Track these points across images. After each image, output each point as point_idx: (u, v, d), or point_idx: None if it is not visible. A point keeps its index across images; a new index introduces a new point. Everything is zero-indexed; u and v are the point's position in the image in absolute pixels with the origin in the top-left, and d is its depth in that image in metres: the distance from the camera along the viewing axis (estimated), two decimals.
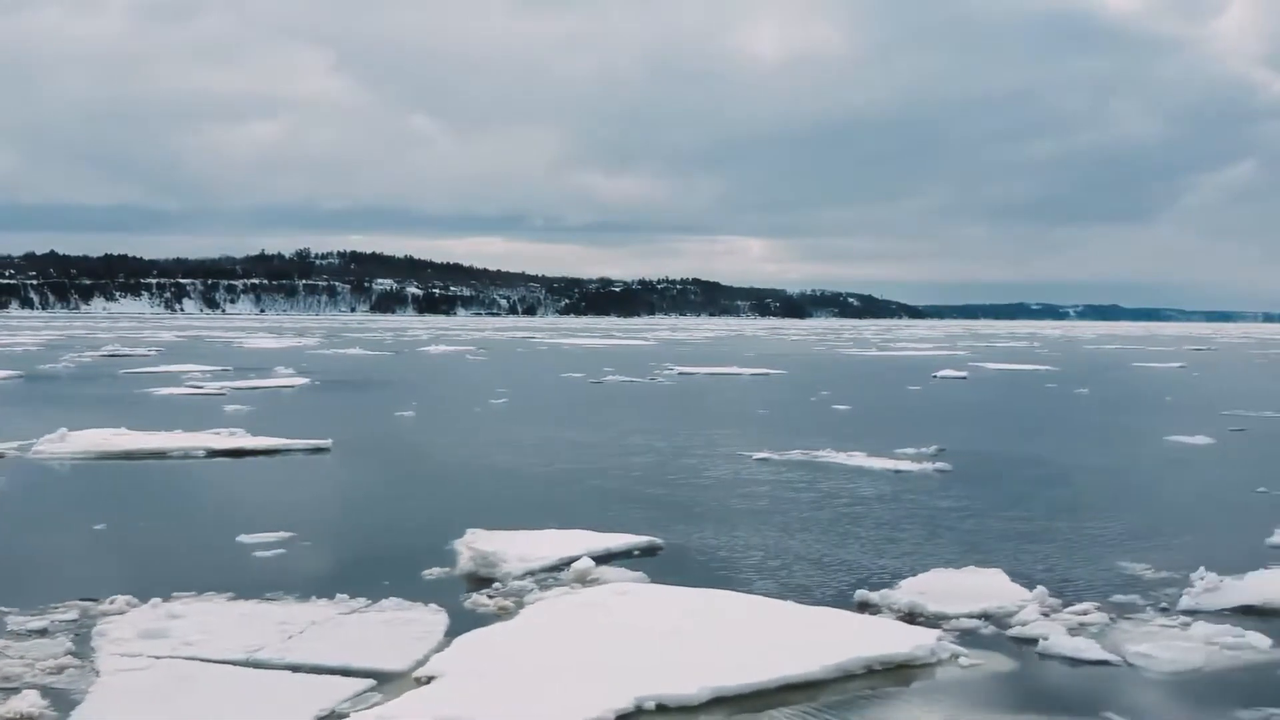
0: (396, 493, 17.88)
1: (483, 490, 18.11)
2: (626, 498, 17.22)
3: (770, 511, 15.94)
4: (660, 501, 16.87)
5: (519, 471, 20.16)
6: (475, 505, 16.21)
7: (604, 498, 17.26)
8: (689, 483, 18.73)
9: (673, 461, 21.33)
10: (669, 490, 17.94)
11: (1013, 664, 9.13)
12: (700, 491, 17.85)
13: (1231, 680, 8.78)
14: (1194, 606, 10.83)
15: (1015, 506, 16.65)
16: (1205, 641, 9.58)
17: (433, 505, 16.29)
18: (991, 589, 11.08)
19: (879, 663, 8.78)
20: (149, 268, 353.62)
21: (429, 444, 23.80)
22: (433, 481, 19.20)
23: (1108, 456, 22.95)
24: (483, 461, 21.41)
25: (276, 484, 18.90)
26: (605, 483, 18.70)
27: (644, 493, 17.73)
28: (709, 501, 16.83)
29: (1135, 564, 12.70)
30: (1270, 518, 15.38)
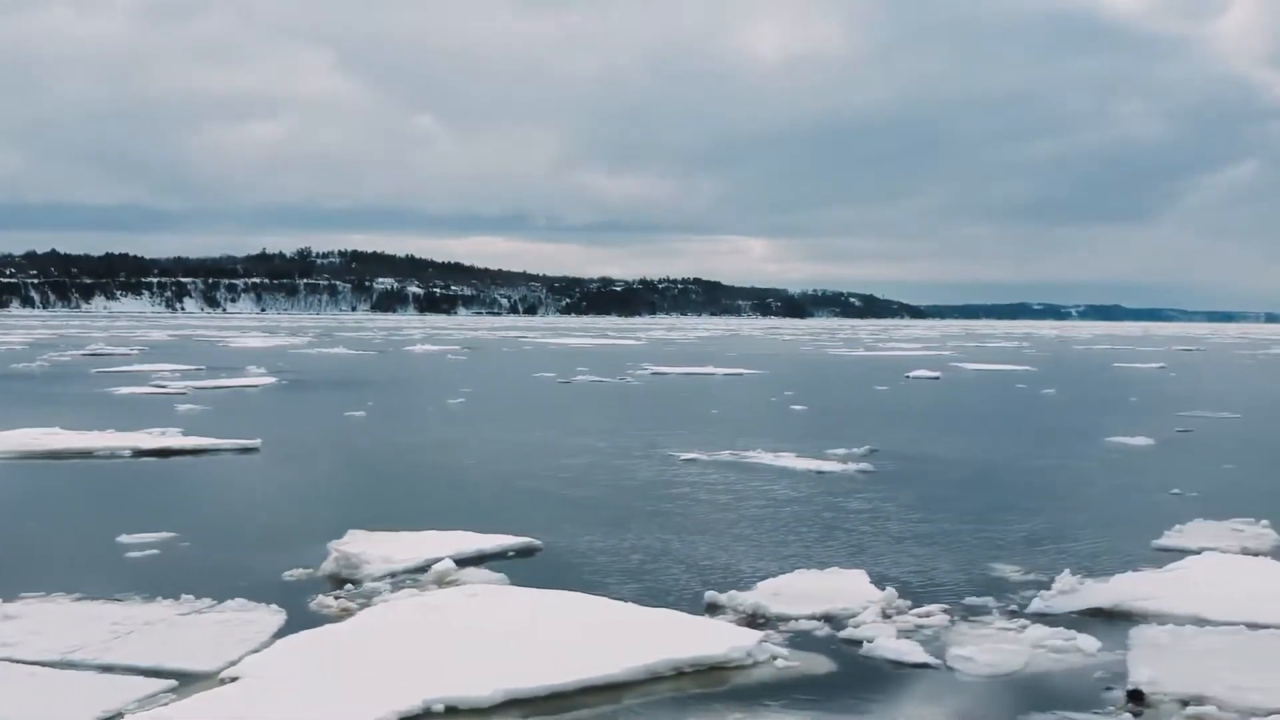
0: (300, 493, 17.96)
1: (388, 491, 18.17)
2: (531, 498, 17.26)
3: (670, 513, 15.95)
4: (564, 502, 16.90)
5: (436, 472, 20.22)
6: (374, 506, 16.27)
7: (507, 499, 17.31)
8: (605, 483, 18.75)
9: (601, 462, 21.34)
10: (580, 491, 17.96)
11: (830, 666, 9.16)
12: (611, 492, 17.87)
13: (1040, 683, 8.80)
14: (1043, 609, 10.84)
15: (922, 508, 16.64)
16: (1033, 644, 9.59)
17: (331, 506, 16.31)
18: (844, 591, 11.09)
19: (690, 664, 8.80)
20: (150, 267, 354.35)
21: (361, 444, 23.83)
22: (342, 482, 19.26)
23: (1039, 458, 22.94)
24: (405, 461, 21.48)
25: (185, 484, 18.97)
26: (517, 483, 18.74)
27: (552, 493, 17.76)
28: (615, 503, 16.85)
29: (1009, 566, 12.72)
30: (1169, 520, 15.41)
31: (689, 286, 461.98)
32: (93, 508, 16.48)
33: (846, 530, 14.95)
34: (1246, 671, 8.87)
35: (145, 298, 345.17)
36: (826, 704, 8.27)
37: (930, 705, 8.26)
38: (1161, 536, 14.41)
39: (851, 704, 8.27)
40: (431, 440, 24.76)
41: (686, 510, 16.23)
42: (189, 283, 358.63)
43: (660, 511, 16.13)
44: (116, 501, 17.06)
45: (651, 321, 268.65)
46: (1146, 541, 14.21)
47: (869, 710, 8.13)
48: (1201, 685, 8.55)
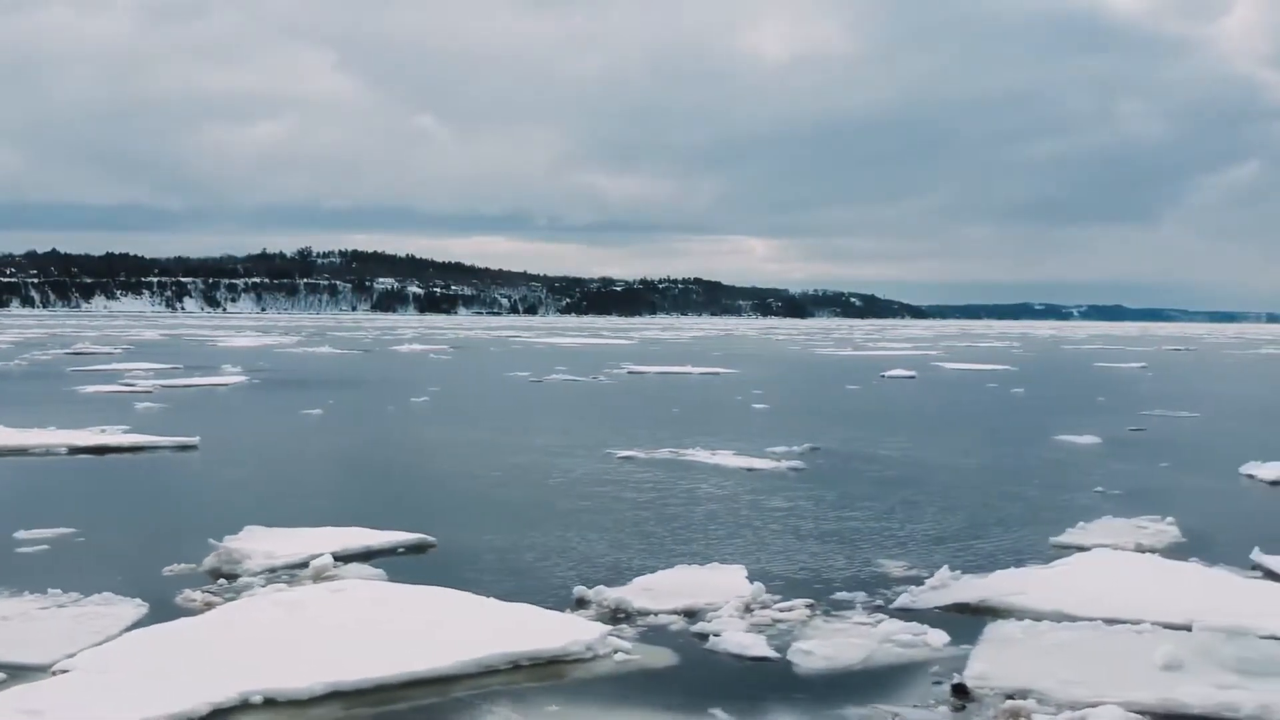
0: (216, 490, 18.08)
1: (305, 488, 18.25)
2: (446, 496, 17.37)
3: (580, 511, 16.00)
4: (478, 500, 16.98)
5: (360, 470, 20.33)
6: (285, 502, 16.33)
7: (421, 496, 17.40)
8: (528, 482, 18.82)
9: (535, 461, 21.41)
10: (499, 489, 18.03)
11: (671, 659, 9.21)
12: (530, 491, 17.93)
13: (872, 675, 8.86)
14: (908, 605, 10.89)
15: (838, 505, 16.68)
16: (882, 639, 9.64)
17: (241, 502, 16.33)
18: (717, 586, 11.15)
19: (526, 658, 8.86)
20: (150, 267, 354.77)
21: (301, 442, 23.90)
22: (263, 479, 19.33)
23: (976, 456, 22.97)
24: (334, 459, 21.57)
25: (105, 481, 19.02)
26: (438, 481, 18.87)
27: (469, 491, 17.86)
28: (529, 501, 16.90)
29: (897, 563, 12.76)
30: (1078, 517, 15.48)
31: (689, 287, 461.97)
32: (2, 503, 16.54)
33: (753, 527, 14.99)
34: (1082, 666, 8.93)
35: (145, 297, 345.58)
36: (652, 695, 8.32)
37: (753, 696, 8.30)
38: (1063, 534, 14.46)
39: (677, 695, 8.32)
40: (372, 438, 24.85)
41: (598, 508, 16.27)
42: (189, 282, 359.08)
43: (571, 509, 16.18)
44: (29, 498, 17.12)
45: (650, 321, 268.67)
46: (1046, 538, 14.25)
47: (691, 701, 8.18)
48: (1032, 679, 8.60)
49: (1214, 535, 14.59)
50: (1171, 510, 16.33)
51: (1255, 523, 15.59)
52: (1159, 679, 8.60)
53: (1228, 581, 11.78)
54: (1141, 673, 8.75)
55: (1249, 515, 16.32)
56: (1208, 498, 18.01)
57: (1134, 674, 8.71)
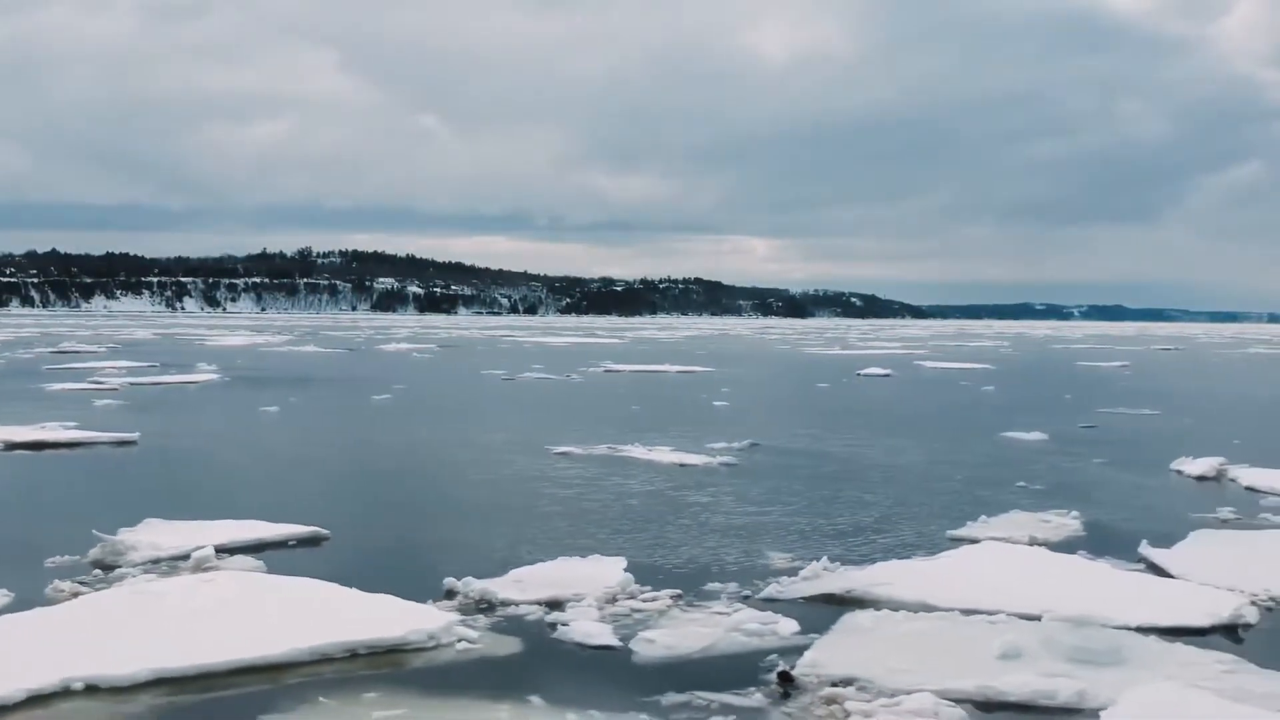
0: (133, 484, 18.24)
1: (222, 481, 18.39)
2: (359, 491, 17.56)
3: (489, 505, 16.12)
4: (390, 494, 17.15)
5: (284, 464, 20.41)
6: (197, 495, 16.42)
7: (334, 490, 17.60)
8: (449, 477, 18.98)
9: (469, 456, 21.52)
10: (416, 484, 18.22)
11: (514, 648, 9.29)
12: (448, 486, 18.11)
13: (705, 663, 8.95)
14: (774, 595, 10.97)
15: (756, 500, 16.73)
16: (731, 628, 9.72)
17: (153, 495, 16.35)
18: (587, 577, 11.22)
19: (365, 646, 8.94)
20: (150, 266, 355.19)
21: (241, 438, 23.96)
22: (184, 473, 19.45)
23: (917, 453, 22.96)
24: (265, 454, 21.64)
25: (26, 475, 19.07)
26: (357, 476, 19.08)
27: (385, 486, 18.01)
28: (442, 495, 17.06)
29: (784, 555, 12.80)
30: (986, 510, 15.54)
31: (690, 286, 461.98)
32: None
33: (659, 521, 15.06)
34: (919, 655, 9.00)
35: (145, 297, 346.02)
36: (478, 683, 8.40)
37: (578, 683, 8.38)
38: (963, 527, 14.53)
39: (503, 683, 8.39)
40: (311, 435, 24.97)
41: (508, 503, 16.36)
42: (189, 282, 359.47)
43: (480, 504, 16.29)
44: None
45: (648, 321, 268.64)
46: (945, 531, 14.31)
47: (513, 688, 8.23)
48: (863, 667, 8.67)
49: (1114, 529, 14.66)
50: (1084, 505, 16.45)
51: (1159, 516, 15.63)
52: (989, 667, 8.67)
53: (1100, 573, 11.85)
54: (975, 661, 8.82)
55: (1157, 509, 16.35)
56: (1126, 492, 18.06)
57: (966, 662, 8.78)
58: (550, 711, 7.76)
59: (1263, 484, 18.14)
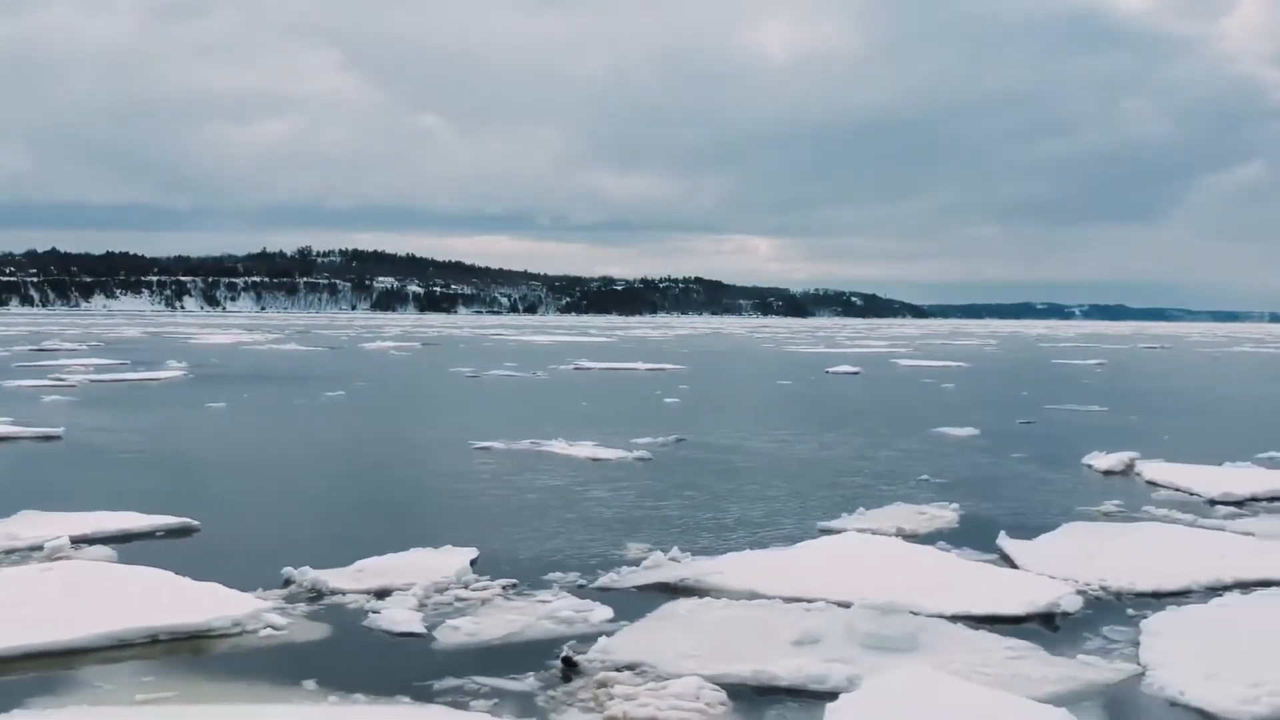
0: (34, 477, 18.47)
1: (121, 474, 18.43)
2: (248, 484, 17.73)
3: (373, 499, 16.35)
4: (282, 488, 17.35)
5: (189, 458, 20.43)
6: (88, 487, 16.58)
7: (222, 483, 17.72)
8: (352, 472, 19.19)
9: (386, 451, 21.70)
10: (314, 479, 18.37)
11: (319, 634, 9.43)
12: (345, 480, 18.34)
13: (499, 649, 9.09)
14: (608, 584, 11.12)
15: (653, 494, 16.82)
16: (541, 616, 9.85)
17: (44, 487, 16.54)
18: (428, 567, 11.37)
19: (166, 633, 9.07)
20: (150, 266, 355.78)
21: (166, 435, 24.05)
22: (90, 467, 19.47)
23: (840, 448, 23.07)
24: (178, 449, 21.61)
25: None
26: (257, 470, 19.15)
27: (280, 480, 18.21)
28: (334, 490, 17.29)
29: (641, 545, 12.85)
30: (876, 503, 15.68)
31: (690, 286, 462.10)
32: None
33: (539, 514, 15.18)
34: (713, 641, 9.13)
35: (145, 296, 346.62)
36: (267, 668, 8.53)
37: (364, 669, 8.51)
38: (838, 518, 14.64)
39: (291, 668, 8.49)
40: (240, 431, 25.14)
41: (394, 497, 16.59)
42: (189, 282, 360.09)
43: (368, 497, 16.52)
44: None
45: (645, 321, 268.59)
46: (818, 523, 14.42)
47: (297, 673, 8.34)
48: (652, 653, 8.79)
49: (991, 521, 14.67)
50: (975, 498, 16.62)
51: (1043, 509, 15.73)
52: (777, 652, 8.77)
53: (941, 564, 11.96)
54: (765, 646, 8.94)
55: (1046, 503, 16.43)
56: (1026, 486, 18.14)
57: (756, 648, 8.90)
58: (317, 694, 7.89)
59: (1163, 479, 18.22)
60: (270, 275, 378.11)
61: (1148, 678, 8.42)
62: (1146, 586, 11.12)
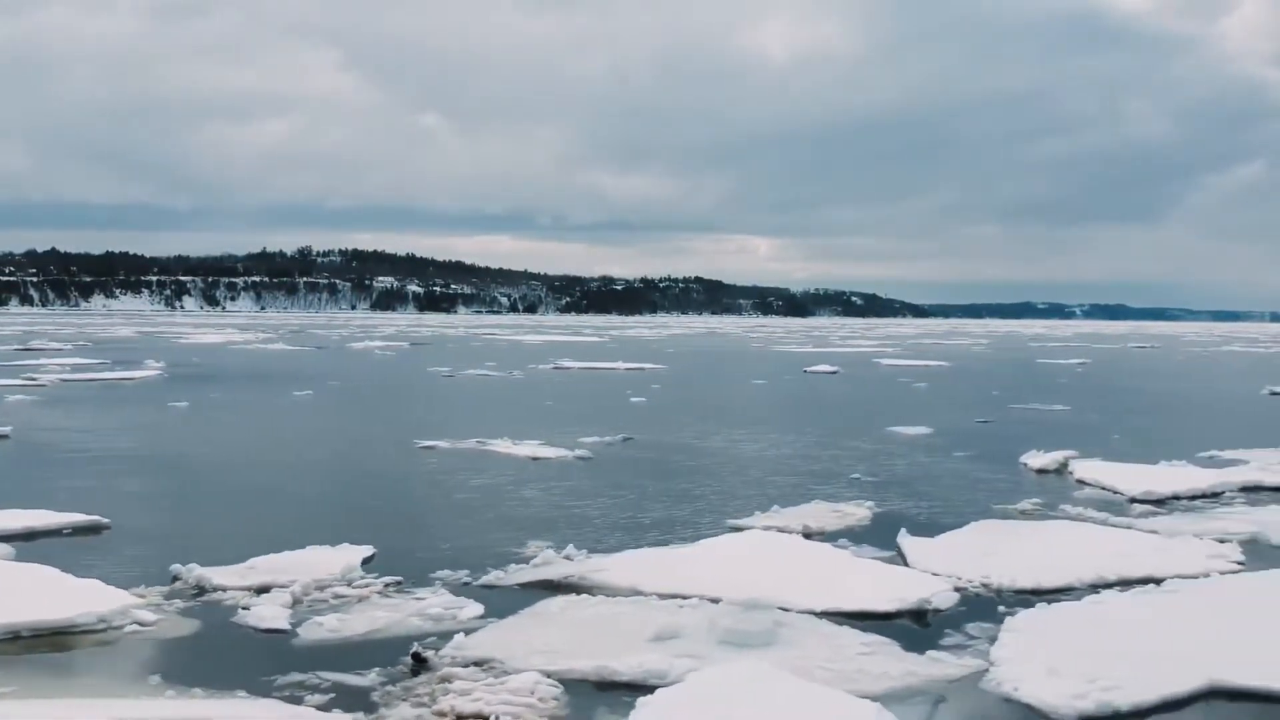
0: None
1: (50, 472, 18.45)
2: (173, 482, 17.75)
3: (297, 497, 16.48)
4: (205, 486, 17.41)
5: (122, 457, 20.26)
6: (10, 487, 16.56)
7: (150, 481, 17.71)
8: (287, 470, 19.27)
9: (328, 450, 21.85)
10: (248, 476, 18.46)
11: (186, 630, 9.53)
12: (277, 478, 18.41)
13: (354, 646, 9.14)
14: (491, 581, 11.21)
15: (579, 494, 16.88)
16: (411, 613, 9.94)
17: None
18: (316, 565, 11.45)
19: (29, 629, 9.17)
20: (149, 265, 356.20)
21: (113, 434, 24.03)
22: (20, 465, 19.57)
23: (786, 447, 23.12)
24: (117, 448, 21.50)
25: None
26: (186, 468, 19.22)
27: (207, 478, 18.24)
28: (259, 488, 17.32)
29: (544, 543, 12.87)
30: (793, 501, 15.77)
31: (690, 285, 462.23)
32: None
33: (455, 512, 15.40)
34: (570, 637, 9.21)
35: (145, 296, 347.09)
36: (126, 663, 8.61)
37: (219, 664, 8.60)
38: (751, 516, 14.70)
39: (151, 662, 8.61)
40: (188, 430, 25.25)
41: (312, 496, 16.76)
42: (188, 281, 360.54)
43: (290, 496, 16.65)
44: None
45: (642, 320, 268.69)
46: (728, 521, 14.48)
47: (156, 667, 8.43)
48: (503, 649, 8.87)
49: (901, 518, 14.71)
50: (898, 496, 16.74)
51: (962, 508, 15.76)
52: (628, 648, 8.84)
53: (831, 561, 12.01)
54: (618, 643, 9.01)
55: (969, 501, 16.47)
56: (954, 484, 18.18)
57: (609, 644, 8.97)
58: (157, 689, 7.96)
59: (1092, 477, 18.29)
60: (270, 275, 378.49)
61: (989, 674, 8.48)
62: (1028, 584, 11.18)
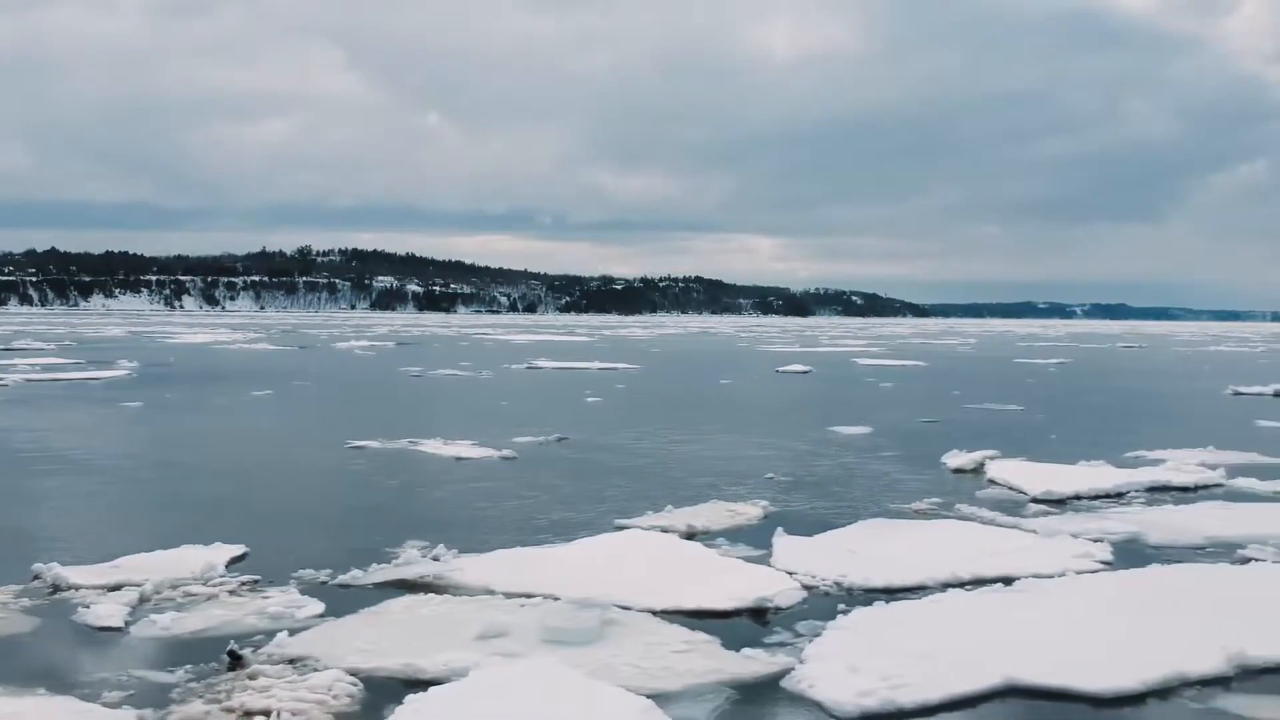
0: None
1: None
2: (75, 481, 17.76)
3: (185, 500, 16.38)
4: (105, 486, 17.48)
5: (36, 457, 20.38)
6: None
7: (47, 481, 17.72)
8: (195, 470, 19.36)
9: (255, 450, 22.04)
10: (153, 474, 18.63)
11: (18, 628, 9.66)
12: (178, 478, 18.49)
13: (182, 643, 9.25)
14: (348, 580, 11.32)
15: (490, 495, 16.90)
16: (251, 612, 10.06)
17: None
18: (177, 564, 11.57)
19: None
20: (149, 265, 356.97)
21: (43, 434, 24.15)
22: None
23: (718, 446, 23.20)
24: (39, 448, 21.55)
25: None
26: (97, 468, 19.21)
27: (111, 476, 18.32)
28: (154, 488, 17.45)
29: (422, 543, 12.93)
30: (690, 500, 15.87)
31: (690, 285, 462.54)
32: None
33: (350, 511, 15.65)
34: (396, 636, 9.33)
35: (144, 296, 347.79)
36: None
37: (44, 661, 8.75)
38: (642, 515, 14.81)
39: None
40: (125, 430, 25.39)
41: (209, 497, 16.62)
42: (188, 281, 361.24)
43: (181, 498, 16.54)
44: None
45: (639, 320, 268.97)
46: (614, 520, 14.59)
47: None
48: (324, 647, 9.00)
49: (792, 518, 14.77)
50: (801, 496, 16.92)
51: (860, 508, 15.80)
52: (447, 645, 8.96)
53: (694, 561, 12.08)
54: (443, 641, 9.11)
55: (864, 500, 16.55)
56: (863, 484, 18.24)
57: (432, 643, 9.08)
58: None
59: (1002, 477, 18.39)
60: (270, 275, 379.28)
61: (794, 672, 8.58)
62: (879, 583, 11.28)
